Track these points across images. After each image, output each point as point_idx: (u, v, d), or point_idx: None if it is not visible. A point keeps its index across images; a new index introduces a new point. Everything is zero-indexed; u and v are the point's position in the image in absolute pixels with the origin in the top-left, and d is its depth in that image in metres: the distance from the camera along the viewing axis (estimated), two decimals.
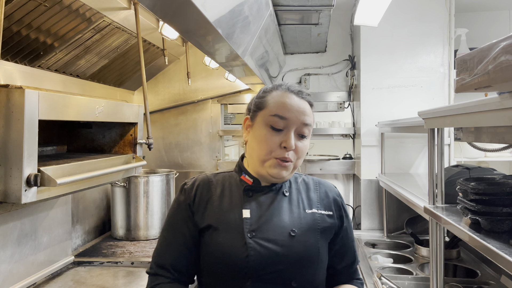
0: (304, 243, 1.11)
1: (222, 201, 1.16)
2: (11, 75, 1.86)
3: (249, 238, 1.09)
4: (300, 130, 1.13)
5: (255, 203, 1.15)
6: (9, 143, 1.31)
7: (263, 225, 1.11)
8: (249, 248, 1.07)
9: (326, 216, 1.18)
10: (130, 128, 2.06)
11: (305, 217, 1.15)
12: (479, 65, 0.98)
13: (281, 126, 1.11)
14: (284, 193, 1.18)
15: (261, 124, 1.13)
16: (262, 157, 1.12)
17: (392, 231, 2.98)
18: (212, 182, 1.21)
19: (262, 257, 1.07)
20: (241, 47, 1.78)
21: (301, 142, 1.13)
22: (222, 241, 1.11)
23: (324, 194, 1.23)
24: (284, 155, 1.10)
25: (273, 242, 1.09)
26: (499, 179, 1.34)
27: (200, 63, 3.17)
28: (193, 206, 1.17)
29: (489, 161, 2.99)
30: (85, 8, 1.90)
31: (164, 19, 1.41)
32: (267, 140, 1.11)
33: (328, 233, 1.18)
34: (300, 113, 1.12)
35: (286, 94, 1.15)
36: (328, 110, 3.53)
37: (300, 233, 1.12)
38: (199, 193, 1.18)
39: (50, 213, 2.09)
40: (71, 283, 2.04)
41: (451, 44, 2.99)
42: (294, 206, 1.17)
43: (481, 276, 2.09)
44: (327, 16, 2.37)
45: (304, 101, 1.16)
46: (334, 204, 1.22)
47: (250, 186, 1.17)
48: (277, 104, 1.13)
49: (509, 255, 1.00)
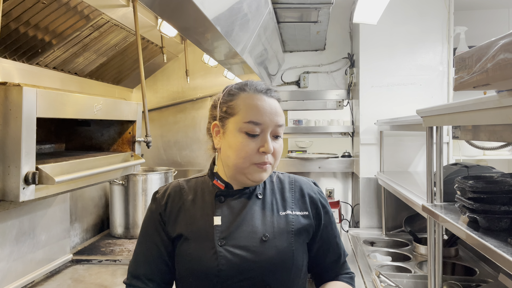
0: (277, 248, 1.08)
1: (193, 209, 1.14)
2: (9, 73, 1.86)
3: (219, 246, 1.06)
4: (275, 132, 1.11)
5: (227, 209, 1.12)
6: (7, 141, 1.30)
7: (234, 231, 1.08)
8: (220, 256, 1.05)
9: (301, 216, 1.15)
10: (129, 126, 2.06)
11: (278, 220, 1.12)
12: (478, 63, 0.98)
13: (257, 131, 1.08)
14: (258, 196, 1.15)
15: (235, 131, 1.09)
16: (240, 165, 1.09)
17: (390, 229, 2.98)
18: (184, 189, 1.18)
19: (233, 265, 1.05)
20: (240, 45, 1.77)
21: (277, 143, 1.11)
22: (192, 251, 1.09)
23: (299, 193, 1.19)
24: (264, 160, 1.08)
25: (244, 249, 1.06)
26: (497, 178, 1.34)
27: (199, 61, 3.16)
28: (164, 215, 1.14)
29: (488, 159, 2.99)
30: (83, 5, 1.90)
31: (162, 17, 1.40)
32: (244, 147, 1.07)
33: (305, 234, 1.15)
34: (273, 115, 1.10)
35: (256, 96, 1.11)
36: (327, 108, 3.53)
37: (272, 238, 1.09)
38: (171, 201, 1.16)
39: (48, 211, 2.09)
40: (69, 281, 2.04)
41: (450, 42, 2.99)
42: (268, 209, 1.14)
43: (479, 274, 2.09)
44: (326, 14, 2.36)
45: (274, 100, 1.13)
46: (310, 203, 1.19)
47: (221, 191, 1.14)
48: (250, 109, 1.09)
49: (507, 253, 1.00)
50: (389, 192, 2.72)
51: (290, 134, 3.64)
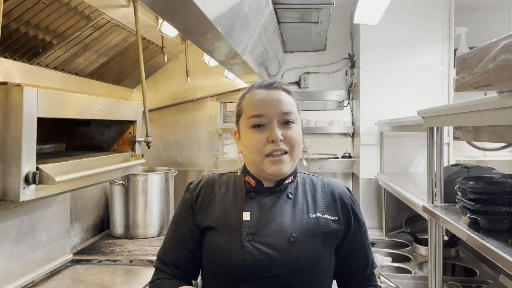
0: (304, 249, 1.08)
1: (224, 202, 1.16)
2: (10, 73, 1.86)
3: (246, 241, 1.08)
4: (283, 119, 1.11)
5: (257, 205, 1.14)
6: (7, 140, 1.30)
7: (262, 228, 1.10)
8: (246, 252, 1.07)
9: (331, 221, 1.14)
10: (129, 126, 2.06)
11: (307, 222, 1.12)
12: (479, 64, 0.98)
13: (262, 123, 1.10)
14: (289, 196, 1.16)
15: (244, 130, 1.14)
16: (255, 159, 1.11)
17: (391, 230, 2.98)
18: (216, 182, 1.21)
19: (258, 261, 1.06)
20: (240, 45, 1.77)
21: (290, 130, 1.11)
22: (220, 242, 1.11)
23: (331, 198, 1.18)
24: (274, 148, 1.08)
25: (271, 247, 1.07)
26: (498, 178, 1.34)
27: (199, 61, 3.16)
28: (195, 206, 1.18)
29: (488, 160, 2.99)
30: (84, 5, 1.90)
31: (163, 17, 1.40)
32: (253, 141, 1.10)
33: (333, 239, 1.14)
34: (276, 104, 1.11)
35: (258, 92, 1.15)
36: (327, 108, 3.53)
37: (300, 239, 1.09)
38: (203, 193, 1.19)
39: (48, 211, 2.09)
40: (69, 281, 2.04)
41: (451, 43, 2.99)
42: (298, 209, 1.14)
43: (479, 275, 2.09)
44: (326, 14, 2.36)
45: (278, 91, 1.15)
46: (342, 208, 1.17)
47: (252, 187, 1.16)
48: (252, 105, 1.13)
49: (508, 254, 1.00)
50: (389, 192, 2.72)
51: None
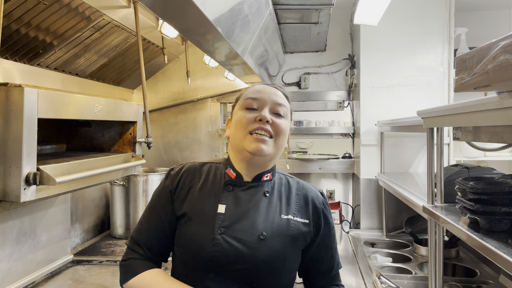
0: (271, 248, 1.11)
1: (202, 192, 1.19)
2: (10, 74, 1.86)
3: (218, 234, 1.11)
4: (275, 109, 1.18)
5: (233, 199, 1.16)
6: (8, 141, 1.30)
7: (235, 223, 1.13)
8: (216, 244, 1.10)
9: (301, 223, 1.19)
10: (130, 127, 2.06)
11: (279, 223, 1.16)
12: (479, 64, 0.98)
13: (255, 106, 1.17)
14: (265, 194, 1.19)
15: (237, 111, 1.20)
16: (239, 135, 1.15)
17: (391, 230, 2.98)
18: (197, 171, 1.24)
19: (227, 255, 1.09)
20: (240, 46, 1.77)
21: (279, 120, 1.17)
22: (192, 231, 1.14)
23: (304, 201, 1.23)
24: (260, 126, 1.13)
25: (241, 242, 1.11)
26: (498, 179, 1.34)
27: (200, 62, 3.16)
28: (174, 193, 1.21)
29: (489, 160, 2.99)
30: (85, 6, 1.90)
31: (163, 18, 1.41)
32: (241, 118, 1.16)
33: (301, 241, 1.19)
34: (272, 94, 1.19)
35: (257, 85, 1.24)
36: (327, 109, 3.53)
37: (269, 238, 1.12)
38: (183, 181, 1.22)
39: (49, 212, 2.09)
40: (70, 281, 2.04)
41: (451, 43, 2.99)
42: (272, 209, 1.18)
43: (480, 276, 2.09)
44: (327, 15, 2.36)
45: (277, 89, 1.23)
46: (313, 212, 1.22)
47: (231, 180, 1.19)
48: (249, 91, 1.22)
49: (508, 254, 1.00)
50: (389, 193, 2.72)
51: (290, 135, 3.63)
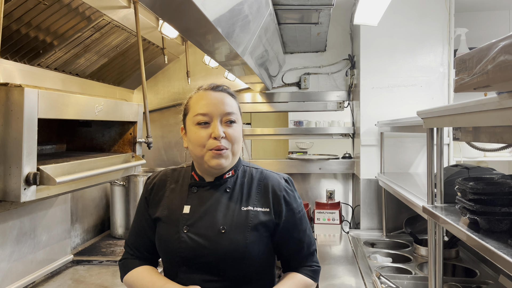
0: (231, 240, 1.21)
1: (172, 196, 1.31)
2: (11, 74, 1.86)
3: (183, 232, 1.23)
4: (225, 119, 1.24)
5: (198, 199, 1.27)
6: (8, 141, 1.31)
7: (197, 221, 1.24)
8: (181, 241, 1.22)
9: (261, 213, 1.25)
10: (130, 127, 2.06)
11: (238, 215, 1.24)
12: (478, 65, 0.98)
13: (206, 121, 1.22)
14: (226, 190, 1.28)
15: (190, 126, 1.26)
16: (198, 153, 1.23)
17: (391, 231, 2.98)
18: (168, 178, 1.36)
19: (191, 250, 1.21)
20: (240, 46, 1.78)
21: (231, 128, 1.23)
22: (163, 232, 1.27)
23: (265, 190, 1.29)
24: (217, 144, 1.20)
25: (203, 237, 1.21)
26: (497, 179, 1.34)
27: (200, 62, 3.16)
28: (149, 199, 1.35)
29: (489, 160, 2.98)
30: (85, 6, 1.90)
31: (164, 18, 1.41)
32: (197, 137, 1.22)
33: (263, 229, 1.25)
34: (219, 105, 1.23)
35: (203, 93, 1.27)
36: (327, 109, 3.53)
37: (229, 230, 1.21)
38: (156, 188, 1.35)
39: (49, 212, 2.09)
40: (70, 281, 2.04)
41: (451, 43, 2.99)
42: (233, 202, 1.26)
43: (480, 276, 2.09)
44: (327, 15, 2.36)
45: (222, 93, 1.27)
46: (273, 199, 1.27)
47: (195, 182, 1.30)
48: (197, 104, 1.25)
49: (508, 254, 1.00)
50: (389, 193, 2.72)
51: (290, 135, 3.64)
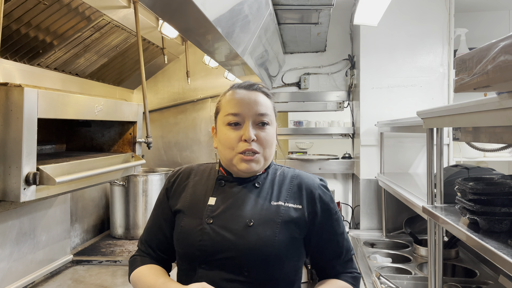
0: (259, 234, 1.11)
1: (196, 188, 1.24)
2: (10, 74, 1.86)
3: (206, 224, 1.14)
4: (258, 120, 1.16)
5: (225, 193, 1.20)
6: (8, 141, 1.30)
7: (223, 213, 1.15)
8: (204, 233, 1.13)
9: (293, 209, 1.16)
10: (129, 127, 2.06)
11: (267, 209, 1.16)
12: (478, 65, 0.98)
13: (237, 121, 1.15)
14: (256, 185, 1.20)
15: (220, 126, 1.19)
16: (227, 156, 1.16)
17: (391, 231, 2.98)
18: (193, 171, 1.30)
19: (214, 243, 1.11)
20: (240, 46, 1.78)
21: (264, 131, 1.16)
22: (183, 224, 1.18)
23: (298, 187, 1.21)
24: (246, 147, 1.13)
25: (228, 230, 1.12)
26: (497, 179, 1.34)
27: (200, 62, 3.16)
28: (170, 191, 1.27)
29: (488, 161, 2.99)
30: (85, 6, 1.90)
31: (163, 18, 1.41)
32: (227, 138, 1.15)
33: (294, 227, 1.15)
34: (252, 105, 1.16)
35: (236, 91, 1.20)
36: (327, 109, 3.53)
37: (257, 224, 1.12)
38: (179, 180, 1.28)
39: (49, 212, 2.09)
40: (69, 281, 2.04)
41: (451, 44, 2.99)
42: (262, 197, 1.18)
43: (479, 276, 2.09)
44: (326, 15, 2.37)
45: (257, 92, 1.19)
46: (306, 197, 1.19)
47: (223, 176, 1.23)
48: (228, 103, 1.18)
49: (507, 255, 1.00)
50: (389, 193, 2.72)
51: (290, 135, 3.64)
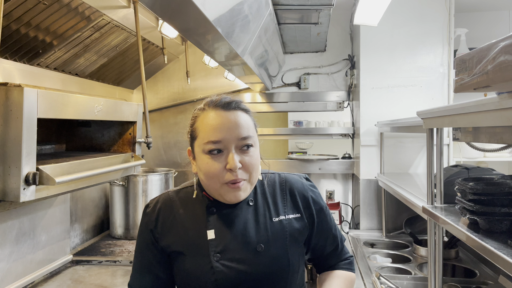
0: (272, 257, 1.07)
1: (185, 222, 1.12)
2: (10, 73, 1.86)
3: (215, 261, 1.06)
4: (241, 144, 1.05)
5: (219, 220, 1.10)
6: (7, 141, 1.30)
7: (228, 244, 1.08)
8: (216, 272, 1.05)
9: (294, 220, 1.14)
10: (129, 127, 2.06)
11: (272, 227, 1.11)
12: (478, 65, 0.98)
13: (218, 148, 1.04)
14: (249, 203, 1.13)
15: (200, 154, 1.07)
16: (213, 186, 1.06)
17: (391, 231, 2.98)
18: (174, 202, 1.16)
19: (229, 278, 1.05)
20: (240, 46, 1.77)
21: (248, 156, 1.06)
22: (189, 267, 1.08)
23: (290, 194, 1.17)
24: (233, 178, 1.03)
25: (240, 261, 1.06)
26: (497, 179, 1.34)
27: (200, 62, 3.16)
28: (155, 231, 1.13)
29: (488, 161, 2.99)
30: (84, 6, 1.90)
31: (163, 18, 1.41)
32: (210, 168, 1.04)
33: (299, 236, 1.14)
34: (233, 129, 1.04)
35: (213, 113, 1.07)
36: (327, 109, 3.53)
37: (267, 248, 1.08)
38: (162, 217, 1.14)
39: (48, 212, 2.09)
40: (69, 282, 2.04)
41: (451, 44, 2.99)
42: (260, 215, 1.12)
43: (479, 276, 2.09)
44: (326, 15, 2.36)
45: (236, 112, 1.08)
46: (302, 203, 1.17)
47: (212, 202, 1.12)
48: (207, 129, 1.06)
49: (507, 255, 1.00)
50: (389, 193, 2.72)
51: (290, 135, 3.64)
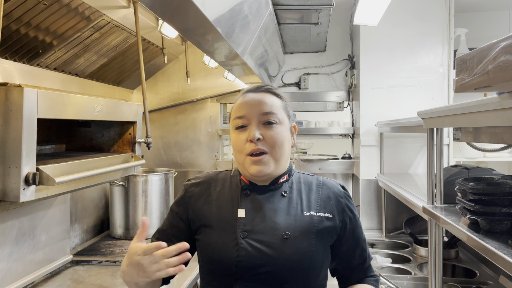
0: (296, 246, 1.10)
1: (220, 200, 1.19)
2: (10, 74, 1.86)
3: (241, 238, 1.10)
4: (263, 120, 1.14)
5: (252, 203, 1.16)
6: (7, 141, 1.30)
7: (256, 226, 1.12)
8: (240, 248, 1.09)
9: (325, 218, 1.16)
10: (129, 127, 2.06)
11: (301, 220, 1.14)
12: (479, 65, 0.98)
13: (242, 124, 1.14)
14: (283, 194, 1.17)
15: (231, 132, 1.19)
16: (239, 160, 1.15)
17: (391, 231, 2.98)
18: (212, 180, 1.24)
19: (252, 258, 1.08)
20: (240, 46, 1.77)
21: (271, 130, 1.13)
22: (214, 240, 1.13)
23: (326, 196, 1.20)
24: (253, 148, 1.11)
25: (265, 244, 1.09)
26: (498, 179, 1.34)
27: (200, 62, 3.16)
28: (189, 203, 1.21)
29: (488, 161, 2.99)
30: (84, 6, 1.90)
31: (163, 18, 1.41)
32: (235, 141, 1.15)
33: (327, 236, 1.16)
34: (256, 105, 1.14)
35: (243, 96, 1.19)
36: (327, 109, 3.53)
37: (293, 237, 1.11)
38: (198, 191, 1.22)
39: (48, 212, 2.09)
40: (69, 282, 2.04)
41: (451, 44, 2.99)
42: (292, 207, 1.16)
43: (479, 276, 2.09)
44: (326, 15, 2.37)
45: (264, 93, 1.18)
46: (336, 207, 1.19)
47: (247, 185, 1.18)
48: (236, 108, 1.18)
49: (508, 255, 1.00)
50: (389, 193, 2.72)
51: None
